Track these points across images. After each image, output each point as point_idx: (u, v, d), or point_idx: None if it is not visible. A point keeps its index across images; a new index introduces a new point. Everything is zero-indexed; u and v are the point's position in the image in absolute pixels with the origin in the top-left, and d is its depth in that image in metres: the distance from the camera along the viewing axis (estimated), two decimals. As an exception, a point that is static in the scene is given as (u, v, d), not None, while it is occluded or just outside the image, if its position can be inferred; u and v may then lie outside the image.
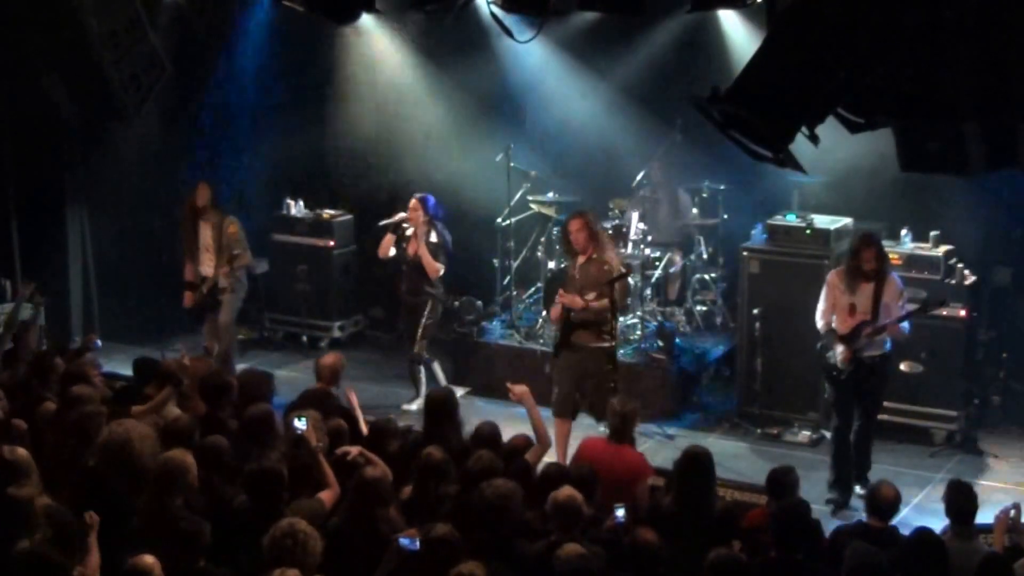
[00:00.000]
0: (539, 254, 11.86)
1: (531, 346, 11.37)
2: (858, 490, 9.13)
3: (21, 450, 6.67)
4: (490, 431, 7.69)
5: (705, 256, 12.11)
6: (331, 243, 12.72)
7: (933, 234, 10.35)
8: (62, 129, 12.20)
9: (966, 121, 6.12)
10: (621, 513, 6.72)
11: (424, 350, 11.01)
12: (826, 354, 9.23)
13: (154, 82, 10.95)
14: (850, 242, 9.66)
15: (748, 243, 10.92)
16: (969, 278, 10.30)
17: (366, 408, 10.40)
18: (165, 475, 6.57)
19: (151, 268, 13.28)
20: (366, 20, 9.62)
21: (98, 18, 10.32)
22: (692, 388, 11.25)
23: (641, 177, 11.96)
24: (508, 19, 9.19)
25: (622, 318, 10.80)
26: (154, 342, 11.64)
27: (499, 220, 12.07)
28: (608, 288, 9.24)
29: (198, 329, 11.65)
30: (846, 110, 6.29)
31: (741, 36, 11.27)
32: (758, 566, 6.36)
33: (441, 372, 11.13)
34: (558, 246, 11.22)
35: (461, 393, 11.10)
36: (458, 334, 11.94)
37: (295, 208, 12.96)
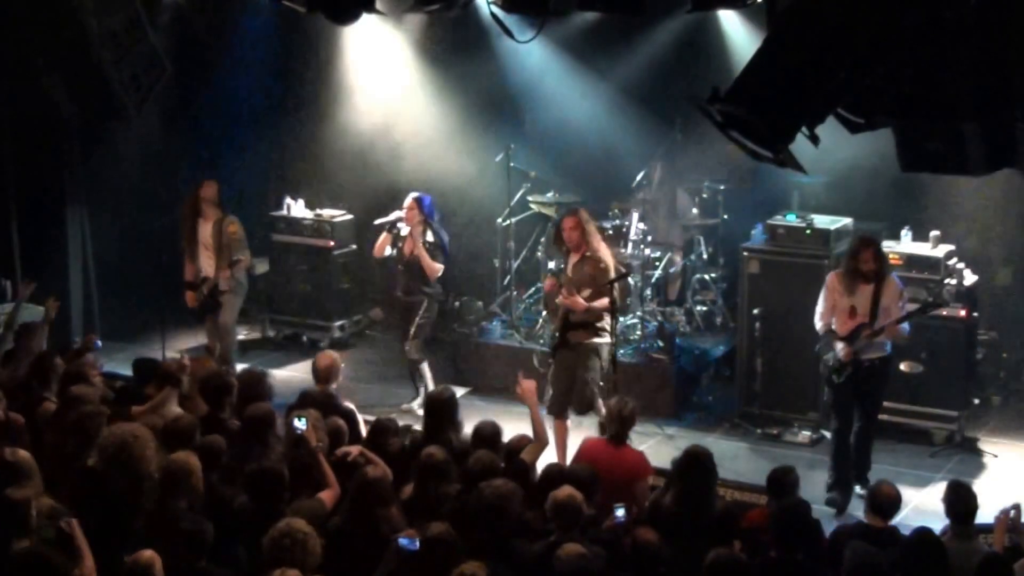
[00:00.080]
0: (539, 254, 11.87)
1: (531, 346, 11.37)
2: (858, 490, 9.12)
3: (23, 452, 6.67)
4: (490, 431, 7.69)
5: (705, 256, 12.11)
6: (331, 243, 12.71)
7: (933, 234, 10.34)
8: (62, 129, 12.19)
9: (966, 121, 6.12)
10: (621, 513, 6.71)
11: (417, 350, 10.91)
12: (824, 357, 9.21)
13: (154, 82, 10.95)
14: (849, 243, 9.65)
15: (748, 243, 10.91)
16: (969, 278, 10.30)
17: (366, 408, 10.48)
18: (170, 478, 6.56)
19: (151, 268, 13.27)
20: (366, 20, 9.61)
21: (98, 18, 10.32)
22: (692, 388, 11.24)
23: (641, 177, 11.96)
24: (508, 19, 9.18)
25: (622, 318, 10.81)
26: (154, 342, 11.64)
27: (499, 220, 12.07)
28: (608, 287, 9.27)
29: (199, 329, 11.64)
30: (846, 110, 6.28)
31: (741, 36, 11.26)
32: (758, 566, 6.36)
33: (429, 373, 10.97)
34: (545, 240, 11.22)
35: (461, 393, 11.09)
36: (458, 334, 11.95)
37: (295, 208, 12.96)
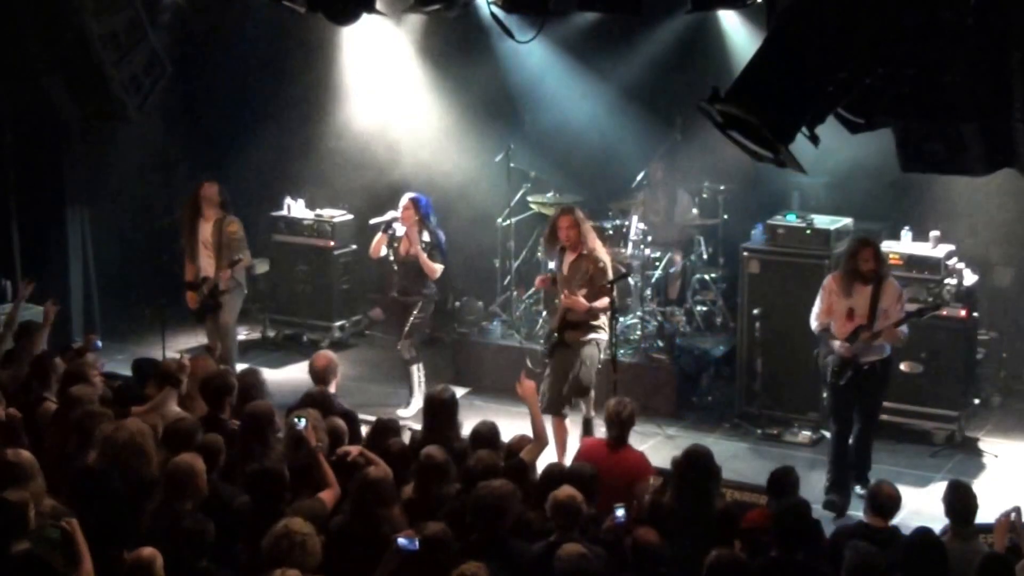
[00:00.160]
0: (539, 254, 11.86)
1: (532, 346, 11.37)
2: (858, 490, 9.10)
3: (25, 453, 6.66)
4: (488, 431, 7.69)
5: (705, 256, 12.11)
6: (331, 243, 12.72)
7: (933, 234, 10.35)
8: (62, 129, 12.20)
9: (966, 121, 6.13)
10: (621, 513, 6.70)
11: (408, 349, 10.87)
12: (824, 360, 9.16)
13: (154, 82, 10.93)
14: (847, 245, 9.62)
15: (748, 243, 10.91)
16: (969, 278, 10.30)
17: (366, 408, 10.48)
18: (174, 480, 6.55)
19: (151, 268, 13.28)
20: (366, 20, 9.61)
21: (98, 19, 10.31)
22: (692, 388, 11.24)
23: (641, 177, 11.97)
24: (508, 19, 9.19)
25: (621, 318, 10.81)
26: (154, 342, 11.64)
27: (499, 220, 12.07)
28: (606, 287, 9.29)
29: (199, 329, 11.63)
30: (846, 110, 6.29)
31: (741, 36, 11.27)
32: (758, 566, 6.36)
33: (417, 376, 10.91)
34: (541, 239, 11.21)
35: (461, 393, 11.09)
36: (458, 334, 11.95)
37: (295, 208, 12.97)
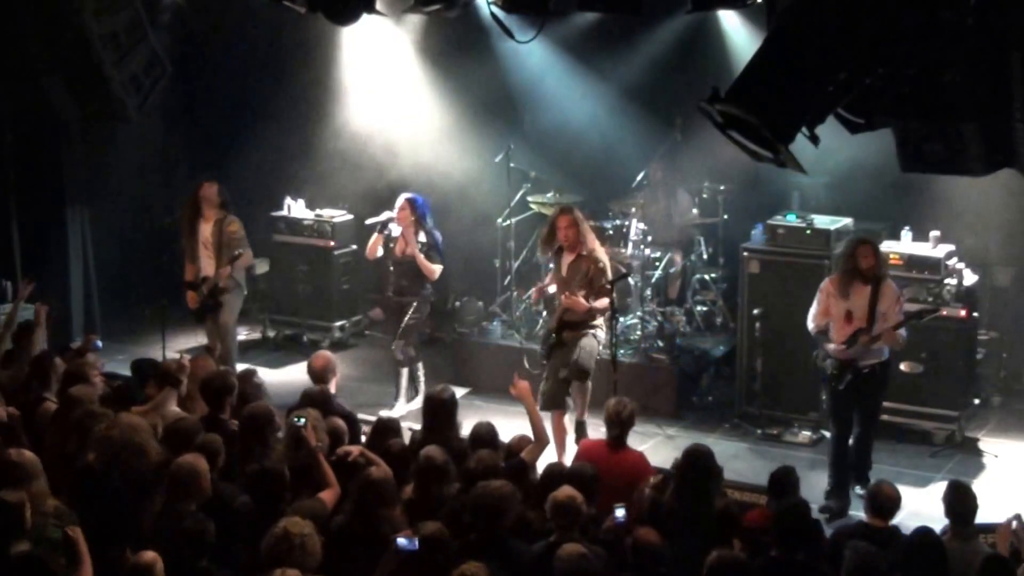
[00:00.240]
0: (539, 255, 11.85)
1: (532, 346, 11.36)
2: (858, 490, 9.09)
3: (28, 453, 6.65)
4: (487, 431, 7.69)
5: (705, 256, 12.11)
6: (331, 243, 12.72)
7: (933, 234, 10.35)
8: (62, 129, 12.20)
9: (966, 121, 6.13)
10: (621, 513, 6.71)
11: (403, 350, 10.86)
12: (823, 364, 9.14)
13: (154, 82, 10.94)
14: (844, 246, 9.58)
15: (748, 243, 10.91)
16: (969, 278, 10.30)
17: (366, 408, 10.48)
18: (178, 481, 6.54)
19: (151, 268, 13.28)
20: (366, 20, 9.61)
21: (98, 19, 10.31)
22: (692, 388, 11.24)
23: (641, 177, 11.96)
24: (508, 19, 9.19)
25: (621, 318, 10.81)
26: (154, 342, 11.64)
27: (499, 220, 12.07)
28: (606, 288, 9.30)
29: (199, 329, 11.63)
30: (846, 110, 6.29)
31: (741, 36, 11.27)
32: (758, 566, 6.36)
33: (404, 380, 10.91)
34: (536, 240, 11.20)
35: (461, 393, 11.09)
36: (458, 334, 11.95)
37: (295, 208, 12.97)
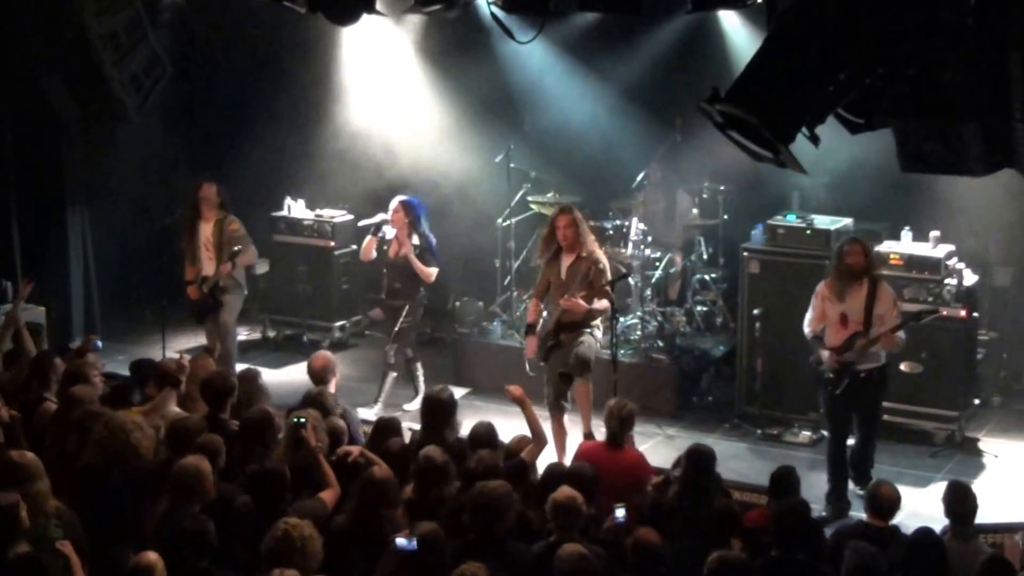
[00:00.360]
0: (536, 258, 11.84)
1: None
2: (858, 491, 9.07)
3: (30, 454, 6.65)
4: (486, 431, 7.69)
5: (705, 256, 12.10)
6: (331, 243, 12.71)
7: (933, 234, 10.35)
8: (62, 130, 12.20)
9: (966, 121, 6.12)
10: (621, 513, 6.71)
11: (399, 353, 10.83)
12: (820, 366, 9.11)
13: (154, 82, 10.96)
14: (836, 247, 9.57)
15: (748, 243, 10.91)
16: (969, 278, 10.30)
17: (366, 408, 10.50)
18: (182, 482, 6.53)
19: (151, 268, 13.28)
20: (367, 21, 9.62)
21: (98, 19, 10.32)
22: (692, 388, 11.24)
23: (641, 178, 11.96)
24: (508, 20, 9.19)
25: (621, 318, 10.81)
26: (154, 342, 11.64)
27: (499, 220, 12.07)
28: (604, 288, 9.28)
29: (199, 329, 11.62)
30: (846, 110, 6.29)
31: (741, 36, 11.26)
32: (759, 566, 6.36)
33: (390, 385, 10.89)
34: (533, 241, 11.18)
35: (461, 394, 11.09)
36: (458, 334, 11.94)
37: (295, 208, 12.97)
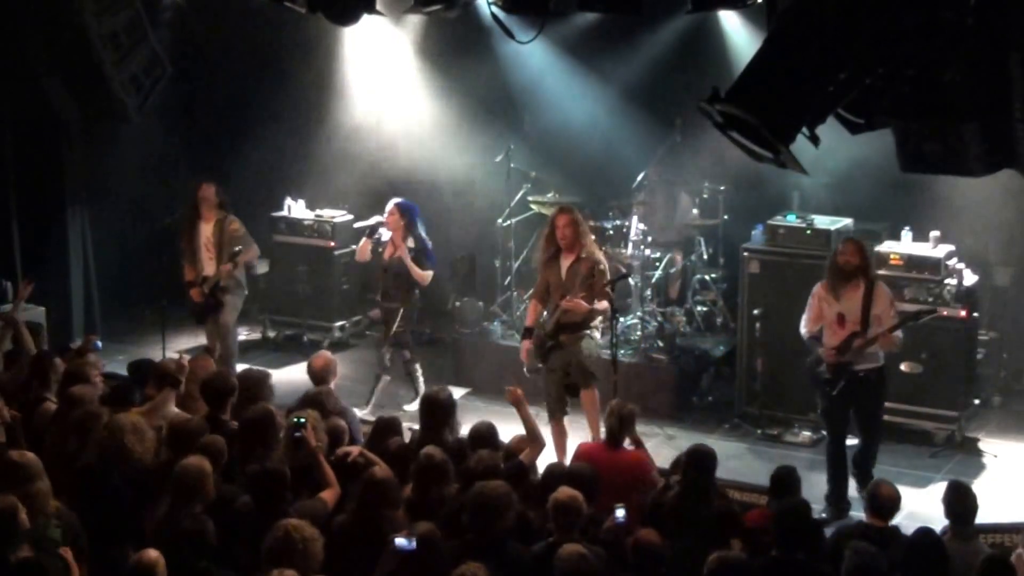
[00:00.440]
0: (535, 260, 11.83)
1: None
2: (860, 495, 9.04)
3: (30, 454, 6.65)
4: (487, 431, 7.69)
5: (705, 256, 12.10)
6: (332, 244, 12.71)
7: (933, 234, 10.35)
8: (62, 129, 12.20)
9: (966, 121, 6.12)
10: (621, 513, 6.71)
11: (389, 357, 10.81)
12: (818, 368, 9.10)
13: (154, 82, 10.96)
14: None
15: (748, 243, 10.91)
16: (969, 278, 10.30)
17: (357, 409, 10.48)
18: (184, 483, 6.52)
19: (152, 268, 13.28)
20: (367, 21, 9.62)
21: (98, 19, 10.33)
22: (692, 388, 11.24)
23: (641, 178, 11.95)
24: (508, 20, 9.18)
25: (622, 318, 10.81)
26: (155, 343, 11.63)
27: (499, 220, 12.07)
28: (603, 289, 9.28)
29: (199, 330, 11.62)
30: (846, 110, 6.29)
31: (742, 37, 11.26)
32: (759, 566, 6.36)
33: (381, 388, 10.86)
34: (532, 243, 11.17)
35: (461, 394, 11.10)
36: (458, 334, 11.95)
37: (295, 208, 12.97)
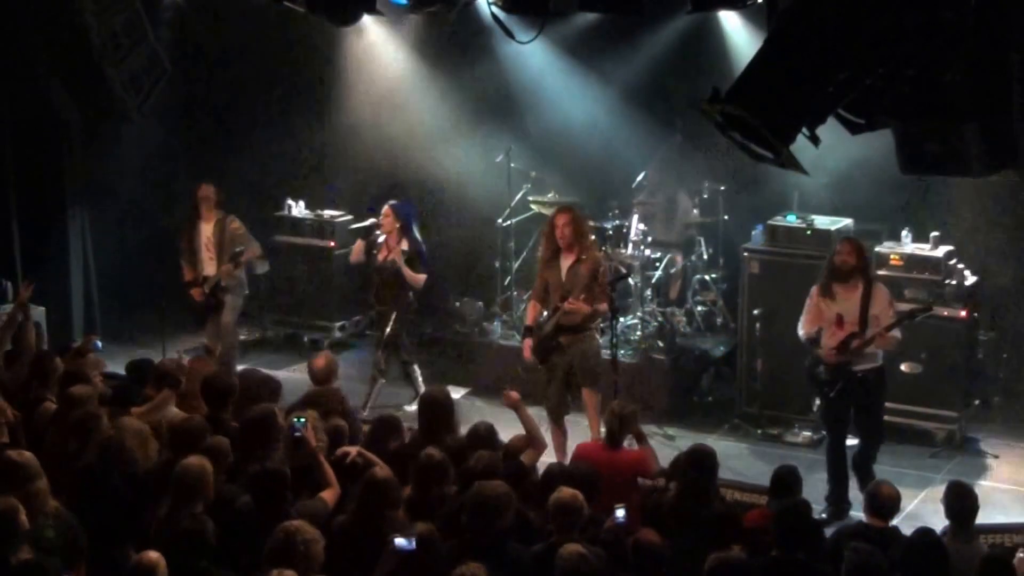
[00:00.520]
0: (539, 255, 11.84)
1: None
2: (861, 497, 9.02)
3: (27, 453, 6.65)
4: (486, 431, 7.68)
5: (706, 257, 12.09)
6: (332, 243, 12.70)
7: (933, 235, 10.35)
8: (63, 130, 12.19)
9: (966, 122, 6.13)
10: (621, 513, 6.71)
11: (384, 360, 10.80)
12: (816, 369, 9.11)
13: (154, 82, 10.95)
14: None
15: (748, 244, 10.92)
16: (969, 278, 10.30)
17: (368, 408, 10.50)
18: (184, 484, 6.52)
19: (152, 268, 13.27)
20: (367, 21, 9.61)
21: (98, 19, 10.31)
22: (692, 388, 11.24)
23: (641, 178, 11.96)
24: (508, 20, 9.18)
25: (622, 318, 10.81)
26: (155, 343, 11.63)
27: (500, 221, 12.06)
28: (607, 291, 9.27)
29: (199, 330, 11.62)
30: (847, 111, 6.29)
31: (742, 37, 11.25)
32: (759, 566, 6.36)
33: (375, 391, 10.84)
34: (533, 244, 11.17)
35: (461, 393, 11.10)
36: (458, 334, 11.94)
37: (295, 208, 12.96)
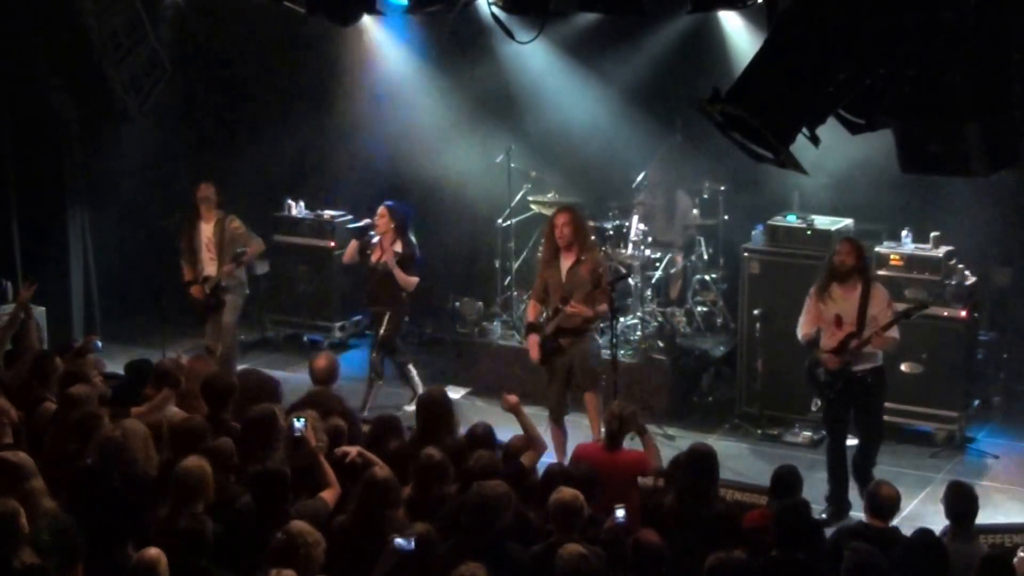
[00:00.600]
0: (539, 255, 11.84)
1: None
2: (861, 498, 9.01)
3: (22, 453, 6.65)
4: (484, 431, 7.69)
5: (706, 257, 12.10)
6: (332, 243, 12.71)
7: (933, 235, 10.35)
8: (63, 130, 12.19)
9: (967, 122, 6.12)
10: (621, 514, 6.71)
11: (380, 361, 10.79)
12: (816, 370, 9.10)
13: (155, 83, 10.93)
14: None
15: (749, 244, 10.92)
16: (969, 278, 10.30)
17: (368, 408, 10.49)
18: (185, 485, 6.51)
19: (152, 268, 13.26)
20: (367, 21, 9.61)
21: (99, 19, 10.30)
22: (692, 388, 11.24)
23: (641, 178, 11.96)
24: (509, 20, 9.18)
25: (622, 318, 10.81)
26: (155, 343, 11.63)
27: (500, 221, 12.07)
28: (605, 291, 9.26)
29: (199, 330, 11.62)
30: (846, 111, 6.29)
31: (742, 37, 11.26)
32: (759, 566, 6.36)
33: (372, 392, 10.81)
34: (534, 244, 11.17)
35: (461, 394, 11.10)
36: (458, 334, 11.94)
37: (295, 208, 12.96)
